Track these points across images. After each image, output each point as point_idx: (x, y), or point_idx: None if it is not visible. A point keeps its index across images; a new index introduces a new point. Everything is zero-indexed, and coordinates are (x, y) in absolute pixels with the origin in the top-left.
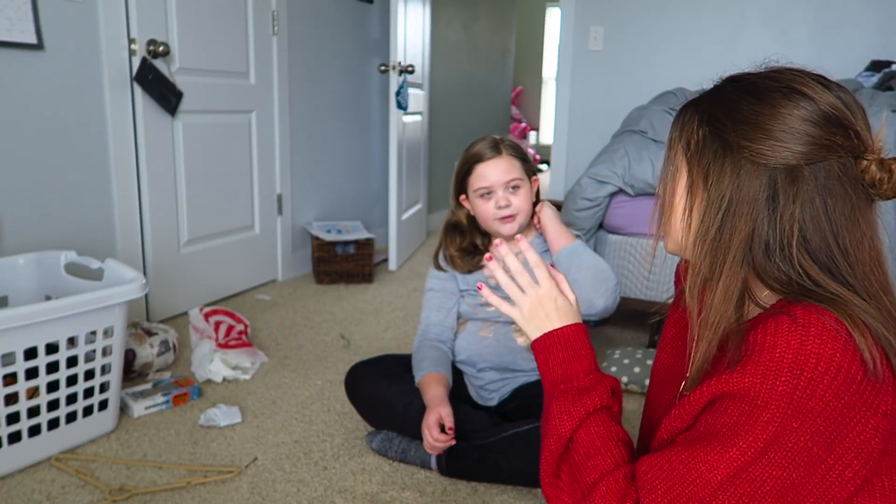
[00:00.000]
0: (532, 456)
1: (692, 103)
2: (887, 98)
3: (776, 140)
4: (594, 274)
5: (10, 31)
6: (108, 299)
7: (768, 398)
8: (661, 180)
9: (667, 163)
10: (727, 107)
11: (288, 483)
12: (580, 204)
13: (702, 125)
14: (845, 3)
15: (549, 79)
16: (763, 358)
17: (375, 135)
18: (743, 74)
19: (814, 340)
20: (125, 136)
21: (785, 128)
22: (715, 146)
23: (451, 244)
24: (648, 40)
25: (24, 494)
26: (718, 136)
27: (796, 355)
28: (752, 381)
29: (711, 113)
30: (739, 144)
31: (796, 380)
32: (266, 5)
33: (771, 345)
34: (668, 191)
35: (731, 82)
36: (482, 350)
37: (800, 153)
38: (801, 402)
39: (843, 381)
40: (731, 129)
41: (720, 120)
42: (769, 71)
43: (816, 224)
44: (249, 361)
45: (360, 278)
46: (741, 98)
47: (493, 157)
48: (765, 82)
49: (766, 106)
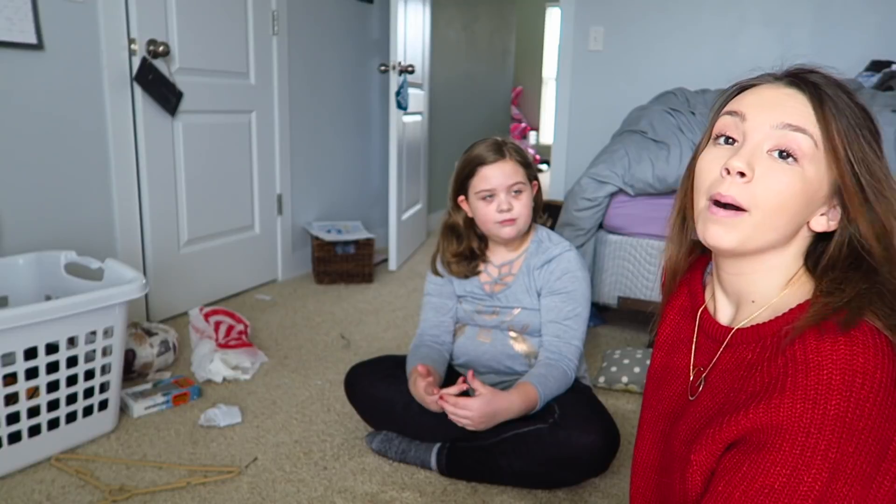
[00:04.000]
0: (532, 457)
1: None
2: (887, 98)
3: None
4: (560, 388)
5: (10, 31)
6: (108, 299)
7: (822, 424)
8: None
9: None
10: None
11: (288, 483)
12: (580, 204)
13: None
14: (845, 3)
15: (549, 79)
16: (811, 380)
17: (375, 135)
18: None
19: (860, 358)
20: (125, 137)
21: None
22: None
23: (448, 248)
24: (648, 40)
25: (24, 494)
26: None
27: (844, 375)
28: (803, 408)
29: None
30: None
31: (846, 402)
32: (266, 5)
33: (817, 364)
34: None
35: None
36: (481, 355)
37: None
38: (853, 423)
39: (885, 395)
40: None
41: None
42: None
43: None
44: (249, 361)
45: (360, 278)
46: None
47: (496, 159)
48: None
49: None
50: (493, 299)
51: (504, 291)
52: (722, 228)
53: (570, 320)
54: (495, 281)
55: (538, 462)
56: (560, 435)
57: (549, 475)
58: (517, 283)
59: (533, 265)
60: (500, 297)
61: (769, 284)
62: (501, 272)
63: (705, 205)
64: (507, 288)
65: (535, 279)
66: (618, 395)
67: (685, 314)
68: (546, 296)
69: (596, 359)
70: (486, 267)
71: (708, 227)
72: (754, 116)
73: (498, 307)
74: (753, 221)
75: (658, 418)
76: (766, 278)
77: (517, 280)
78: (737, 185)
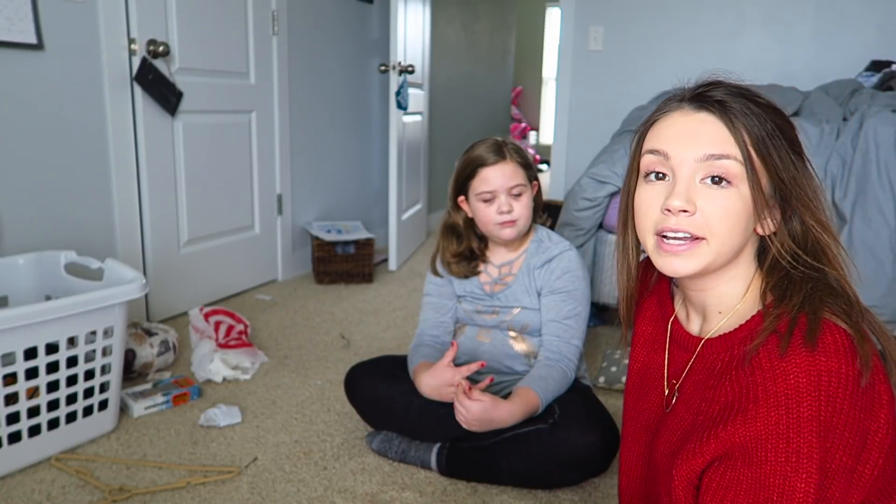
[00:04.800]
0: (532, 457)
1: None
2: (887, 98)
3: None
4: (560, 389)
5: (10, 31)
6: (108, 299)
7: (799, 427)
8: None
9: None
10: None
11: (288, 483)
12: (580, 204)
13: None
14: (845, 3)
15: (549, 79)
16: (780, 387)
17: (375, 135)
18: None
19: (822, 356)
20: (125, 136)
21: None
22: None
23: (448, 248)
24: (648, 40)
25: (24, 494)
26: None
27: (810, 376)
28: (777, 415)
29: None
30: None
31: (817, 401)
32: (266, 5)
33: (783, 371)
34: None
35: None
36: (480, 355)
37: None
38: (828, 421)
39: (854, 388)
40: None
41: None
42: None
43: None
44: (249, 361)
45: (360, 278)
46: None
47: (497, 161)
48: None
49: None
50: (492, 299)
51: (504, 291)
52: (681, 260)
53: (570, 319)
54: (495, 281)
55: (538, 462)
56: (560, 435)
57: (549, 475)
58: (517, 282)
59: (533, 265)
60: (500, 296)
61: (731, 294)
62: (501, 272)
63: (655, 242)
64: (506, 288)
65: (536, 279)
66: (618, 395)
67: (656, 323)
68: (546, 295)
69: (596, 359)
70: (486, 267)
71: (666, 261)
72: (677, 153)
73: (498, 307)
74: (711, 248)
75: (639, 431)
76: (728, 288)
77: (517, 280)
78: (685, 220)
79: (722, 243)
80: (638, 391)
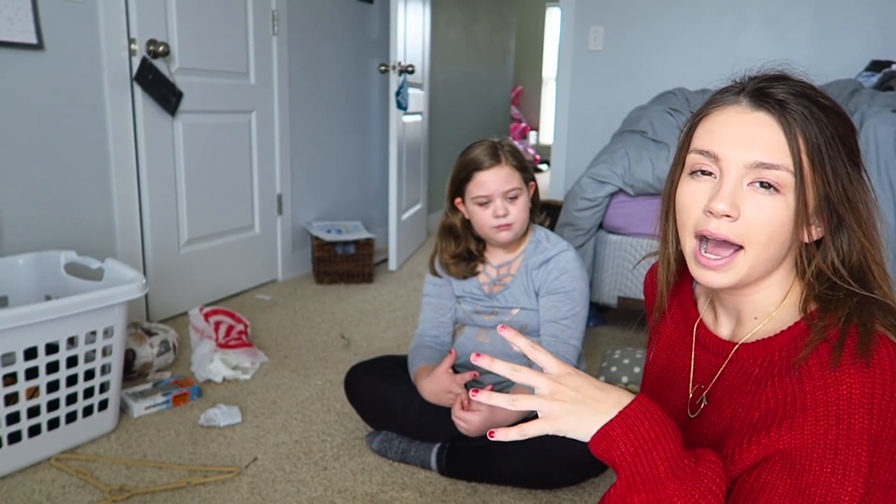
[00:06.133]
0: (532, 457)
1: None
2: (887, 98)
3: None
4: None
5: (10, 31)
6: (108, 299)
7: (849, 440)
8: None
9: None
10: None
11: (288, 483)
12: (580, 204)
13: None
14: (845, 3)
15: (549, 79)
16: (831, 396)
17: (375, 135)
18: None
19: (876, 369)
20: (125, 136)
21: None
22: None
23: (446, 249)
24: (648, 40)
25: (24, 494)
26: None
27: (864, 388)
28: (826, 425)
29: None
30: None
31: (870, 414)
32: (266, 5)
33: (835, 380)
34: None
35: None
36: None
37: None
38: (878, 435)
39: None
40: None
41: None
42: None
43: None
44: (249, 361)
45: (360, 278)
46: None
47: (492, 165)
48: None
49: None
50: (491, 300)
51: (503, 292)
52: (717, 274)
53: (567, 320)
54: (494, 281)
55: (538, 462)
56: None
57: (549, 475)
58: (515, 283)
59: (531, 265)
60: (499, 297)
61: (769, 301)
62: (500, 273)
63: (693, 249)
64: (505, 288)
65: (534, 279)
66: None
67: (677, 325)
68: (544, 295)
69: (596, 359)
70: (485, 268)
71: (702, 273)
72: (727, 156)
73: (497, 307)
74: (748, 259)
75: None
76: (765, 295)
77: (515, 280)
78: (725, 224)
79: (758, 254)
80: (656, 394)
